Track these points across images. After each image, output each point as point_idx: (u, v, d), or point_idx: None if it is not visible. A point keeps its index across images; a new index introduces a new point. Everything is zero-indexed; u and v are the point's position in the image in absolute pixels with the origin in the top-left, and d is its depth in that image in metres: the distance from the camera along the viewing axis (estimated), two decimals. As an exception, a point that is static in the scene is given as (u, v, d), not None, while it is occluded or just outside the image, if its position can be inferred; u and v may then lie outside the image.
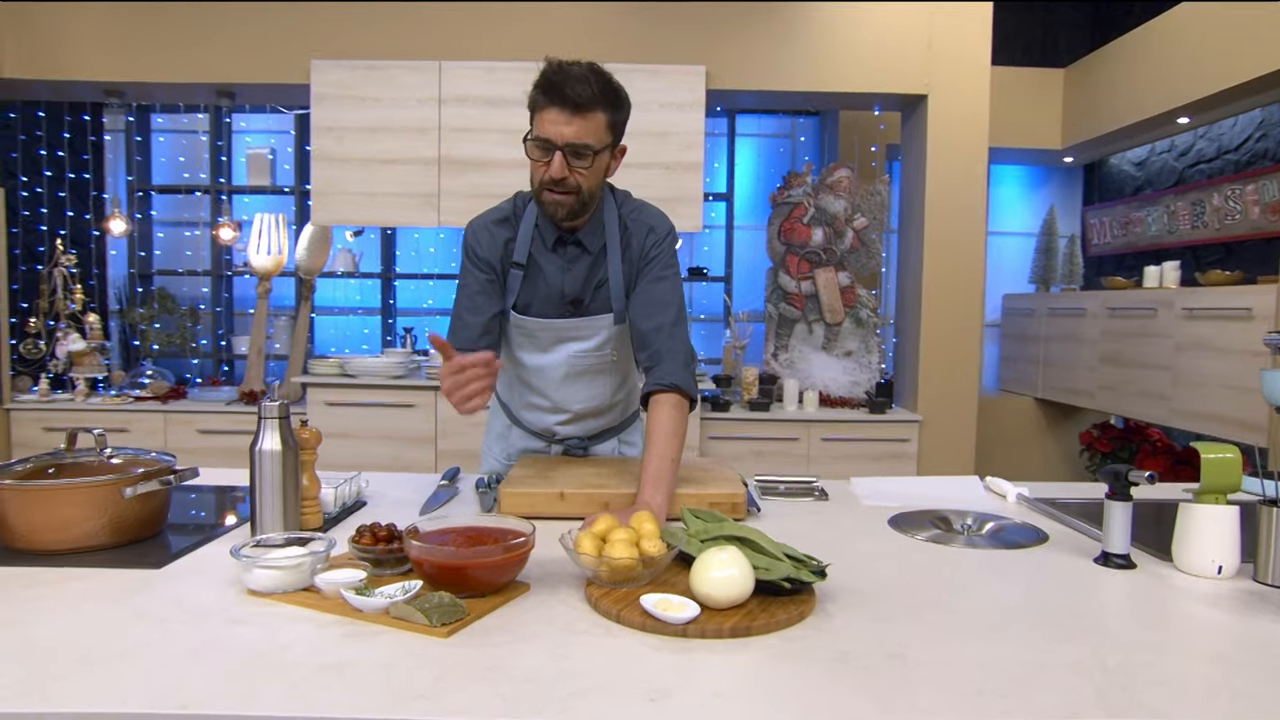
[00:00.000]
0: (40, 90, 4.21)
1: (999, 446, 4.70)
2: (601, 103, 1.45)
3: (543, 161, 1.48)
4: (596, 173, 1.51)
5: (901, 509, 1.60)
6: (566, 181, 1.47)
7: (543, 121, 1.46)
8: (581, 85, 1.43)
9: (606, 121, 1.48)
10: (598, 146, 1.47)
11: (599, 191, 1.57)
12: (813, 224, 4.13)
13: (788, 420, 3.87)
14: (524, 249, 1.63)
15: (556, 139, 1.45)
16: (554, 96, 1.43)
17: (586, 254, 1.63)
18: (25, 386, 4.21)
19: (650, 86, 3.76)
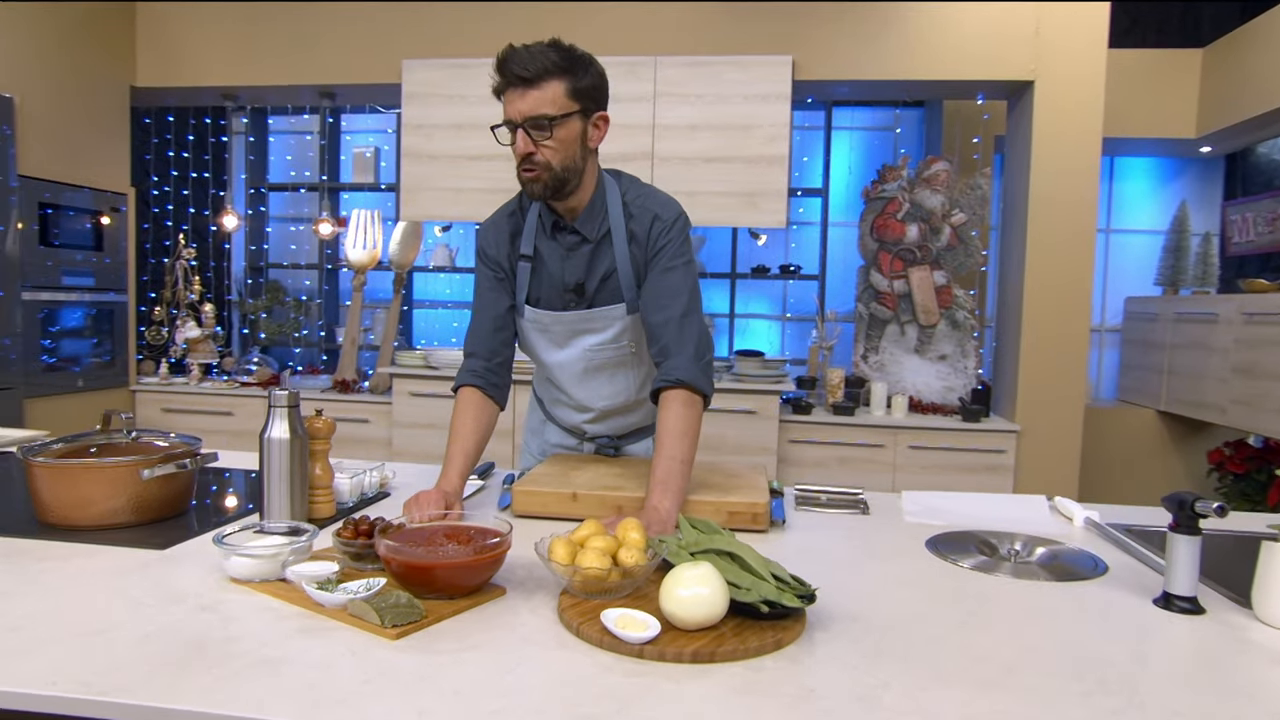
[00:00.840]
0: (168, 96, 4.53)
1: (1112, 463, 4.31)
2: (555, 71, 1.42)
3: (510, 143, 1.47)
4: (565, 143, 1.46)
5: (946, 529, 1.45)
6: (534, 157, 1.45)
7: (505, 103, 1.46)
8: (530, 59, 1.41)
9: (565, 89, 1.44)
10: (555, 114, 1.43)
11: (577, 164, 1.50)
12: (907, 220, 3.91)
13: (873, 426, 3.68)
14: (530, 240, 1.61)
15: (515, 116, 1.43)
16: (506, 76, 1.43)
17: (586, 242, 1.58)
18: (150, 370, 4.54)
19: (735, 79, 3.65)
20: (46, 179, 3.85)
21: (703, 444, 3.68)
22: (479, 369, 1.60)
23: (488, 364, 1.61)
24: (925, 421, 3.67)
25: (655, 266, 1.56)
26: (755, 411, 3.66)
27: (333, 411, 4.13)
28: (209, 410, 4.25)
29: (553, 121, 1.43)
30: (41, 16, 3.79)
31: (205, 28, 4.27)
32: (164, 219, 4.81)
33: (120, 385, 4.30)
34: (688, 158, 3.72)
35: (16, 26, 3.67)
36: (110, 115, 4.22)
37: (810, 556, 1.28)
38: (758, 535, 1.38)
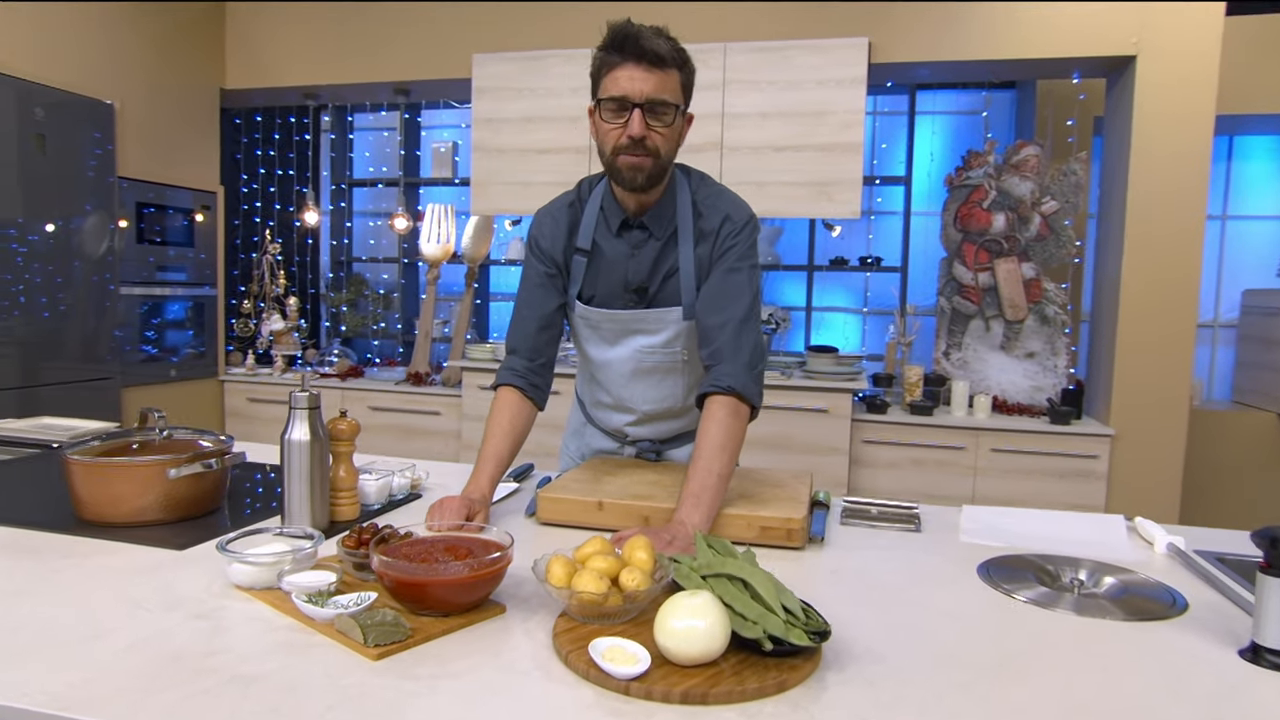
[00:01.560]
0: (255, 97, 4.69)
1: (1222, 471, 3.96)
2: (676, 61, 1.39)
3: (618, 124, 1.38)
4: (673, 136, 1.42)
5: (1005, 551, 1.32)
6: (646, 142, 1.38)
7: (616, 80, 1.37)
8: (656, 41, 1.36)
9: (680, 81, 1.41)
10: (675, 103, 1.39)
11: (673, 158, 1.46)
12: (994, 209, 3.67)
13: (953, 427, 3.48)
14: (588, 234, 1.54)
15: (634, 95, 1.36)
16: (629, 52, 1.36)
17: (654, 239, 1.51)
18: (238, 360, 4.73)
19: (808, 63, 3.50)
20: (143, 180, 4.04)
21: (769, 442, 3.57)
22: (520, 368, 1.55)
23: (529, 364, 1.55)
24: (1010, 423, 3.45)
25: (719, 267, 1.48)
26: (827, 410, 3.52)
27: (405, 404, 4.22)
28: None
29: (675, 110, 1.39)
30: (139, 25, 3.97)
31: (287, 29, 4.40)
32: (253, 215, 4.99)
33: (210, 375, 4.49)
34: (757, 147, 3.60)
35: (116, 36, 3.85)
36: (201, 117, 4.40)
37: (842, 579, 1.18)
38: (792, 553, 1.29)
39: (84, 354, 3.73)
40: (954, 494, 3.47)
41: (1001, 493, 3.42)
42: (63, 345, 3.64)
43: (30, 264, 3.45)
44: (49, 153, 3.51)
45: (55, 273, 3.57)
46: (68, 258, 3.62)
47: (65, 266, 3.61)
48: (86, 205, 3.69)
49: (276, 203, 5.01)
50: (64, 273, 3.61)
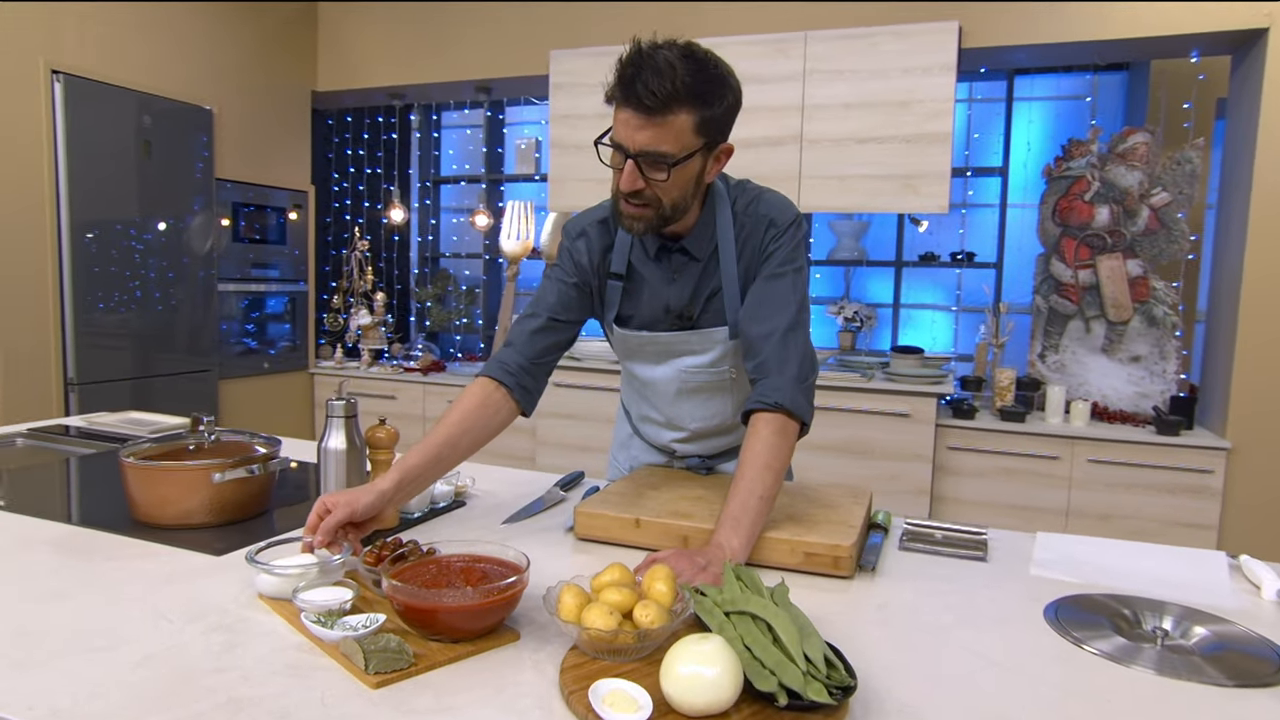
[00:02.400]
0: (345, 98, 4.84)
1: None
2: (686, 101, 1.19)
3: (616, 167, 1.27)
4: (680, 183, 1.26)
5: (1080, 588, 1.20)
6: (643, 194, 1.25)
7: (617, 122, 1.24)
8: (658, 80, 1.17)
9: (693, 123, 1.21)
10: (676, 155, 1.21)
11: (688, 201, 1.31)
12: (1096, 201, 3.41)
13: (1047, 435, 3.26)
14: (622, 258, 1.44)
15: (628, 145, 1.22)
16: (627, 94, 1.20)
17: (695, 261, 1.41)
18: (328, 354, 4.91)
19: (893, 50, 3.34)
20: (239, 180, 4.22)
21: (847, 448, 3.44)
22: (513, 365, 1.38)
23: (525, 363, 1.39)
24: (1111, 432, 3.20)
25: (762, 272, 1.39)
26: (909, 414, 3.35)
27: (483, 399, 4.26)
28: (375, 394, 4.51)
29: (673, 164, 1.22)
30: (237, 33, 4.14)
31: (374, 30, 4.51)
32: (343, 213, 5.16)
33: (301, 368, 4.67)
34: (839, 139, 3.45)
35: (215, 43, 4.03)
36: (294, 119, 4.57)
37: (889, 617, 1.09)
38: (838, 583, 1.20)
39: (189, 347, 3.94)
40: (1046, 506, 3.25)
41: (1099, 507, 3.18)
42: (171, 338, 3.85)
43: (146, 259, 3.67)
44: (154, 157, 3.71)
45: (168, 268, 3.79)
46: (177, 255, 3.83)
47: (176, 263, 3.83)
48: (195, 205, 3.89)
49: (366, 200, 5.16)
50: (175, 269, 3.82)
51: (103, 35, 3.52)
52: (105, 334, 3.55)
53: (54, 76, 3.33)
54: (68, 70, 3.37)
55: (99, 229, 3.49)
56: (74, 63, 3.40)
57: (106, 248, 3.53)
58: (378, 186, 5.17)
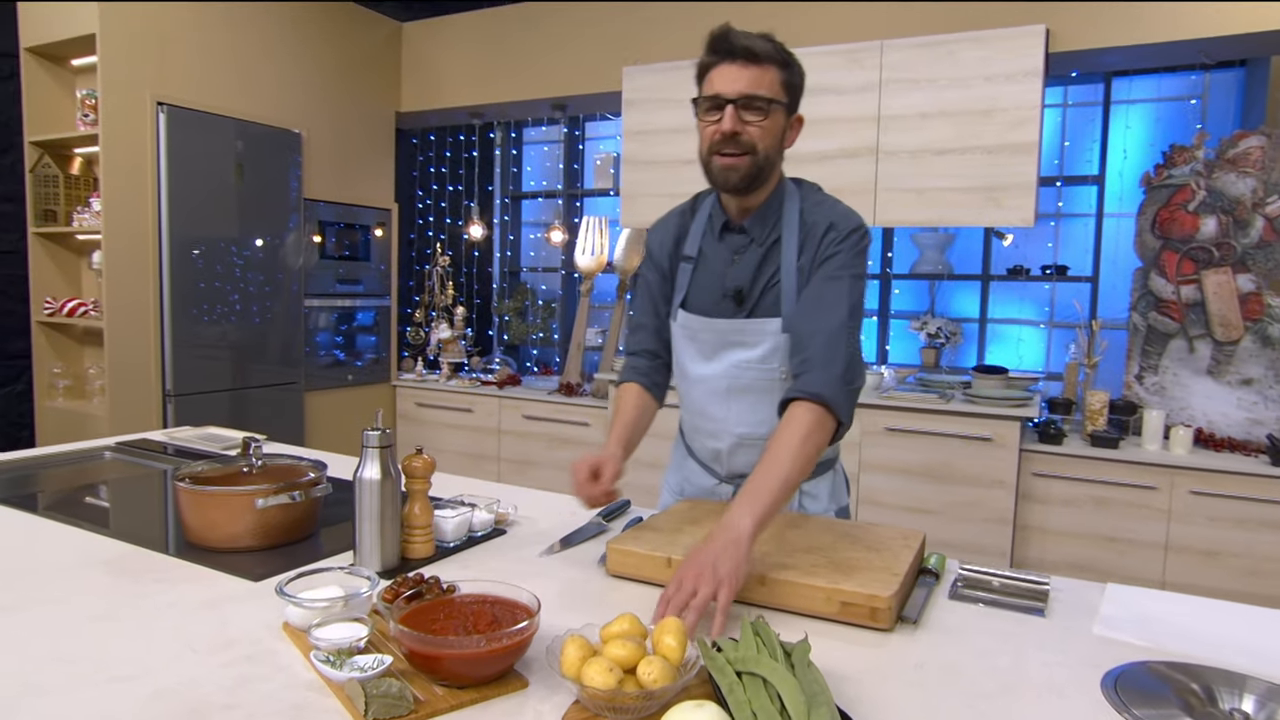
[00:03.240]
0: (429, 118, 4.98)
1: None
2: (774, 58, 1.38)
3: (712, 121, 1.39)
4: (771, 132, 1.39)
5: (1149, 653, 1.09)
6: (739, 138, 1.37)
7: (712, 80, 1.39)
8: (751, 39, 1.38)
9: (780, 80, 1.39)
10: (771, 97, 1.37)
11: (775, 160, 1.44)
12: (1202, 212, 3.17)
13: (1144, 464, 3.03)
14: (695, 241, 1.55)
15: (728, 92, 1.36)
16: (724, 52, 1.38)
17: (755, 245, 1.49)
18: (410, 367, 5.05)
19: (973, 57, 3.19)
20: (327, 200, 4.40)
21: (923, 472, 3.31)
22: (643, 367, 1.63)
23: (651, 363, 1.64)
24: (1217, 462, 2.96)
25: (819, 274, 1.44)
26: (991, 438, 3.18)
27: (555, 413, 4.30)
28: (453, 406, 4.61)
29: (769, 104, 1.37)
30: (324, 58, 4.32)
31: (455, 52, 4.63)
32: (426, 229, 5.31)
33: (383, 381, 4.82)
34: (916, 150, 3.32)
35: (304, 70, 4.22)
36: (378, 139, 4.73)
37: (925, 679, 1.01)
38: (876, 635, 1.13)
39: (282, 358, 4.13)
40: (1143, 539, 3.02)
41: (1203, 543, 2.94)
42: (265, 351, 4.05)
43: (245, 274, 3.88)
44: (247, 179, 3.90)
45: (264, 283, 3.99)
46: (272, 271, 4.03)
47: (271, 279, 4.02)
48: (290, 223, 4.09)
49: (448, 217, 5.29)
50: (271, 284, 4.02)
51: (201, 67, 3.73)
52: (203, 346, 3.75)
53: (159, 108, 3.54)
54: (170, 101, 3.58)
55: (200, 246, 3.70)
56: (176, 94, 3.62)
57: (207, 264, 3.73)
58: (459, 203, 5.30)
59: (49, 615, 1.12)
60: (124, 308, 3.49)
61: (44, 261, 3.70)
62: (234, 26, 3.87)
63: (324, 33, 4.30)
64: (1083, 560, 3.12)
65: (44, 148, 3.66)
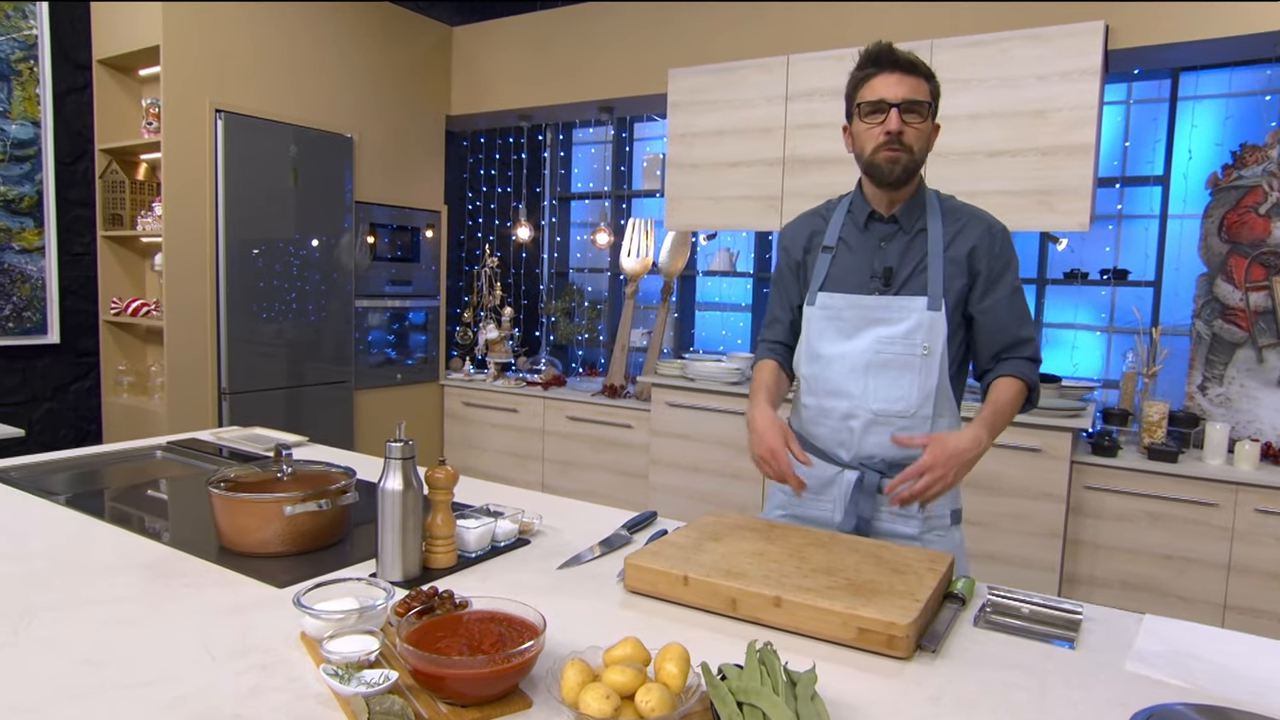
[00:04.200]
0: (478, 121, 5.04)
1: None
2: (924, 71, 1.56)
3: (877, 123, 1.55)
4: (924, 134, 1.56)
5: (1183, 693, 1.04)
6: (903, 136, 1.53)
7: (874, 87, 1.55)
8: (906, 54, 1.55)
9: (929, 89, 1.56)
10: (927, 101, 1.55)
11: (923, 155, 1.59)
12: (1274, 215, 3.01)
13: (1205, 479, 2.90)
14: (834, 233, 1.68)
15: (891, 98, 1.53)
16: (885, 63, 1.54)
17: (902, 232, 1.62)
18: (459, 366, 5.12)
19: (1026, 56, 3.09)
20: (378, 203, 4.49)
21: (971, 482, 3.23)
22: (779, 350, 1.80)
23: (785, 350, 1.80)
24: (1285, 479, 2.81)
25: (1003, 281, 1.60)
26: (1040, 449, 3.08)
27: (599, 415, 4.31)
28: (498, 406, 4.66)
29: (927, 108, 1.55)
30: (375, 64, 4.41)
31: (503, 55, 4.67)
32: (475, 231, 5.37)
33: (431, 380, 4.90)
34: (966, 152, 3.23)
35: (356, 76, 4.31)
36: (429, 142, 4.81)
37: (939, 715, 0.98)
38: (894, 664, 1.10)
39: (334, 357, 4.24)
40: (1203, 558, 2.89)
41: (1270, 565, 2.80)
42: (319, 349, 4.16)
43: (303, 273, 4.00)
44: (301, 183, 4.00)
45: (319, 283, 4.09)
46: (327, 270, 4.14)
47: (327, 278, 4.13)
48: (343, 224, 4.19)
49: (496, 218, 5.35)
50: (326, 283, 4.13)
51: (257, 75, 3.84)
52: (257, 344, 3.87)
53: (217, 115, 3.66)
54: (228, 108, 3.69)
55: (257, 248, 3.81)
56: (233, 101, 3.73)
57: (264, 266, 3.85)
58: (508, 205, 5.36)
59: (85, 617, 1.17)
60: (182, 308, 3.61)
61: (111, 263, 3.86)
62: (288, 34, 3.97)
63: (375, 38, 4.39)
64: (1136, 579, 3.00)
65: (112, 155, 3.81)
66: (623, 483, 4.26)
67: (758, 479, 3.74)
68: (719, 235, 4.67)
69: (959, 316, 1.62)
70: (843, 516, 1.64)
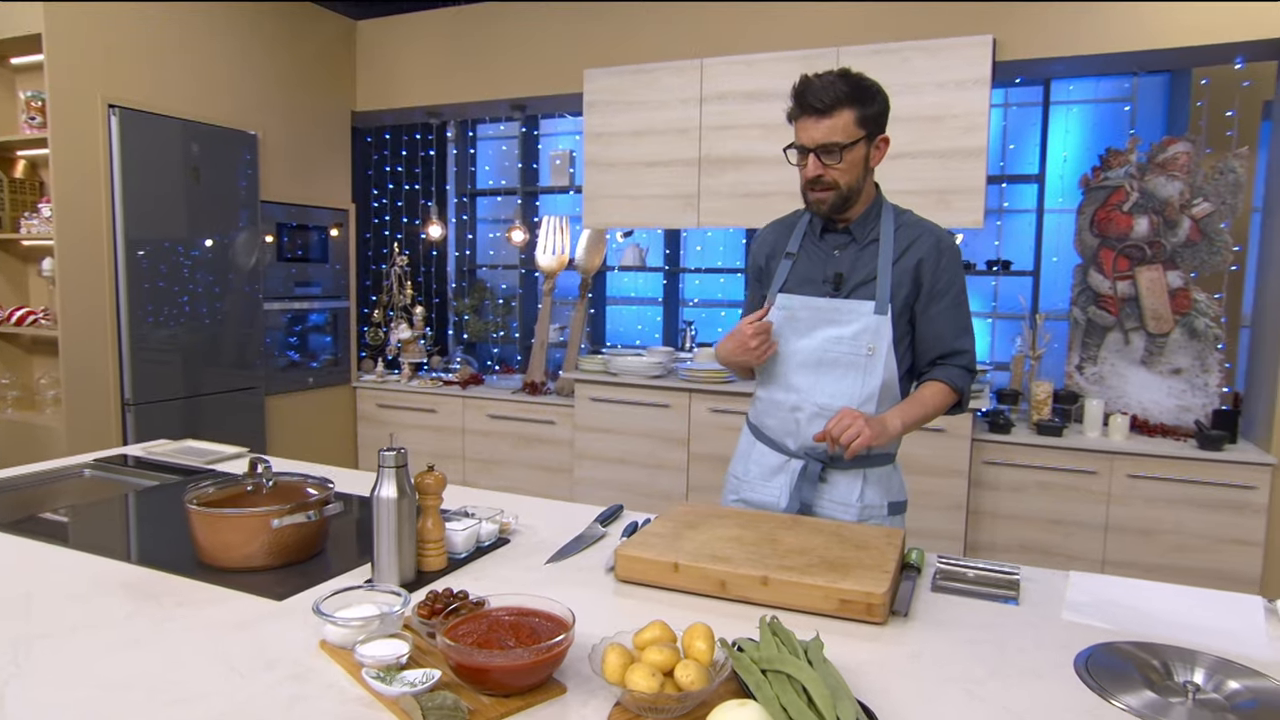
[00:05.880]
0: (384, 118, 4.94)
1: None
2: (847, 101, 1.58)
3: (801, 165, 1.65)
4: (851, 167, 1.63)
5: (1112, 635, 1.22)
6: (822, 179, 1.63)
7: (797, 130, 1.64)
8: (824, 91, 1.58)
9: (855, 118, 1.59)
10: (845, 142, 1.60)
11: (861, 184, 1.67)
12: (1135, 212, 3.38)
13: (1086, 450, 3.24)
14: (796, 242, 1.80)
15: (808, 143, 1.62)
16: (801, 105, 1.62)
17: (855, 243, 1.73)
18: (370, 367, 5.02)
19: (925, 66, 3.33)
20: (284, 202, 4.34)
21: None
22: None
23: None
24: (1151, 446, 3.17)
25: (947, 295, 1.71)
26: (944, 429, 3.35)
27: (521, 412, 4.34)
28: (415, 407, 4.61)
29: (843, 148, 1.60)
30: (279, 59, 4.26)
31: (411, 50, 4.60)
32: (382, 229, 5.27)
33: (343, 383, 4.79)
34: (871, 154, 3.45)
35: (258, 71, 4.15)
36: (334, 139, 4.68)
37: (921, 668, 1.12)
38: (872, 629, 1.23)
39: (236, 361, 4.07)
40: (1085, 521, 3.23)
41: (1140, 523, 3.16)
42: (219, 354, 3.98)
43: (195, 274, 3.81)
44: (203, 181, 3.84)
45: (214, 283, 3.91)
46: (223, 270, 3.96)
47: (221, 279, 3.95)
48: (240, 222, 4.02)
49: (404, 216, 5.27)
50: (221, 284, 3.95)
51: (153, 69, 3.65)
52: (162, 351, 3.69)
53: (110, 110, 3.46)
54: (122, 103, 3.50)
55: (157, 251, 3.63)
56: (128, 96, 3.54)
57: (167, 270, 3.67)
58: (416, 202, 5.28)
59: (85, 642, 1.15)
60: (78, 316, 3.41)
61: (-11, 269, 3.59)
62: (184, 27, 3.79)
63: (277, 31, 4.24)
64: (1030, 543, 3.32)
65: (-14, 151, 3.54)
66: (546, 478, 4.31)
67: (683, 469, 3.88)
68: (634, 232, 4.77)
69: (905, 323, 1.72)
70: (788, 502, 1.77)
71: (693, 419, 3.86)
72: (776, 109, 3.61)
